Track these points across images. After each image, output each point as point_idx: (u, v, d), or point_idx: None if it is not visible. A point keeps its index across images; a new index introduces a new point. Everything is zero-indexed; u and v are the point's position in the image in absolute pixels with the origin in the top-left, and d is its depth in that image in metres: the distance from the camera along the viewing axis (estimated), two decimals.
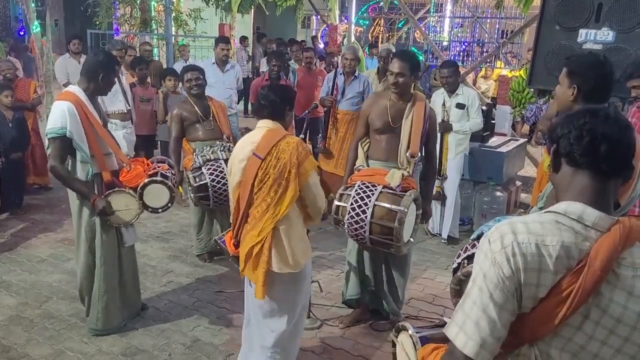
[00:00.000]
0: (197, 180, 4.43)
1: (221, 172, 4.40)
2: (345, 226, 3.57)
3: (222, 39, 6.82)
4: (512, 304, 1.30)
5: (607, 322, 1.28)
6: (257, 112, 3.03)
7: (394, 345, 2.12)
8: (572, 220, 1.31)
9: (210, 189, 4.40)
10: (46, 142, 3.43)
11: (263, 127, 2.95)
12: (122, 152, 3.67)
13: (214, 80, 6.12)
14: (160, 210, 3.72)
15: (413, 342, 1.91)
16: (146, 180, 3.58)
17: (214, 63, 6.52)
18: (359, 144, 3.89)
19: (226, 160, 4.42)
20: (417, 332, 1.93)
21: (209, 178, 4.38)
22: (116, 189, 3.49)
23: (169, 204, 3.75)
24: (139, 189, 3.56)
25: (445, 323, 2.07)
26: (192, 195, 4.52)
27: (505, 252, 1.29)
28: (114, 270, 3.68)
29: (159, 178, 3.66)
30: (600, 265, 1.25)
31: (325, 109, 6.10)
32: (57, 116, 3.29)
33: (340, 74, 6.12)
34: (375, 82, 6.55)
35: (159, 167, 3.81)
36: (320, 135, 6.27)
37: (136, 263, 4.00)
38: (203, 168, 4.45)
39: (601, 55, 2.67)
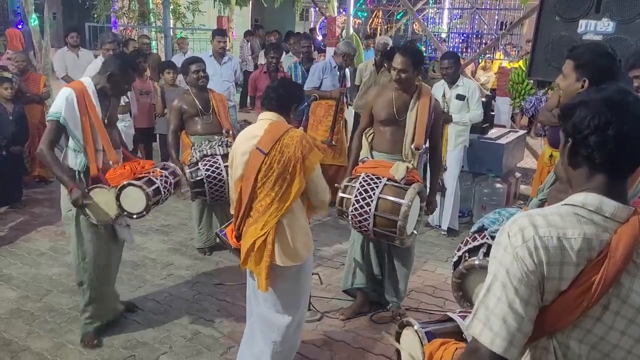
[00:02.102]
0: (194, 175, 4.41)
1: (217, 168, 4.37)
2: (349, 218, 3.57)
3: (219, 32, 6.79)
4: (536, 298, 1.29)
5: (627, 312, 1.28)
6: (263, 103, 3.01)
7: (397, 340, 2.11)
8: (591, 212, 1.30)
9: (206, 185, 4.37)
10: None
11: (266, 119, 2.91)
12: (113, 152, 3.47)
13: (212, 73, 6.08)
14: (135, 216, 3.44)
15: (419, 338, 1.89)
16: (125, 182, 3.38)
17: (211, 56, 6.50)
18: (364, 134, 3.91)
19: (223, 156, 4.41)
20: (422, 328, 1.91)
21: (205, 174, 4.36)
22: (99, 185, 3.38)
23: (144, 212, 3.44)
24: (117, 189, 3.37)
25: (449, 318, 2.05)
26: (189, 190, 4.50)
27: (527, 246, 1.28)
28: (102, 260, 3.55)
29: (138, 182, 3.41)
30: (621, 256, 1.25)
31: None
32: (58, 100, 3.29)
33: (334, 67, 6.14)
34: (374, 75, 6.55)
35: (153, 172, 3.59)
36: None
37: (120, 258, 3.87)
38: (200, 164, 4.43)
39: (607, 46, 2.64)
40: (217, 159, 4.42)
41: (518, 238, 1.29)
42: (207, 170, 4.37)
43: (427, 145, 3.82)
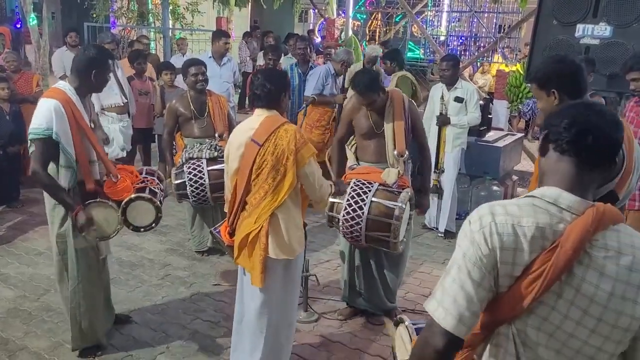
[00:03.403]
0: (177, 178, 4.40)
1: (200, 171, 4.34)
2: (340, 223, 3.53)
3: (224, 34, 6.80)
4: (488, 281, 1.37)
5: (581, 301, 1.34)
6: (252, 101, 3.02)
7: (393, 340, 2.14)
8: (548, 203, 1.38)
9: (188, 188, 4.35)
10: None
11: (261, 115, 2.94)
12: (109, 161, 3.30)
13: (211, 74, 6.08)
14: (142, 229, 3.37)
15: (409, 333, 1.93)
16: (133, 196, 3.24)
17: (210, 57, 6.49)
18: (346, 145, 3.92)
19: (209, 160, 4.40)
20: (413, 324, 1.95)
21: (187, 177, 4.34)
22: (98, 200, 3.17)
23: (154, 224, 3.39)
24: (123, 203, 3.22)
25: None
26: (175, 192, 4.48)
27: (483, 232, 1.37)
28: (93, 284, 3.34)
29: (147, 195, 3.30)
30: (571, 245, 1.32)
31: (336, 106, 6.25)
32: (42, 115, 2.96)
33: (333, 74, 6.23)
34: None
35: (147, 180, 3.49)
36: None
37: (108, 275, 3.66)
38: (184, 166, 4.42)
39: (559, 54, 2.74)
40: (201, 163, 4.39)
41: (476, 224, 1.40)
42: (190, 173, 4.35)
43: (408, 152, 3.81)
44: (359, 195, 3.49)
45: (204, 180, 4.32)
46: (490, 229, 1.37)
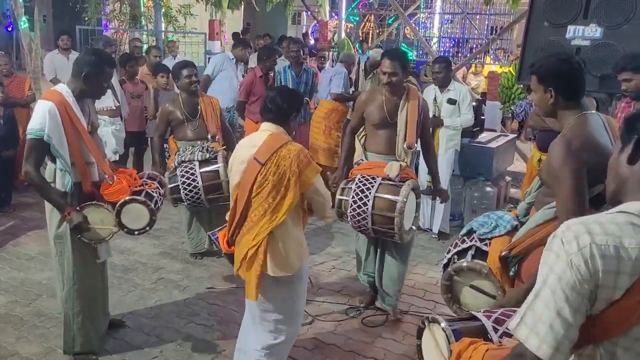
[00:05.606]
0: (171, 182, 4.38)
1: (192, 174, 4.32)
2: (349, 219, 3.70)
3: (248, 44, 7.08)
4: (585, 306, 1.29)
5: None
6: (262, 113, 2.99)
7: (419, 337, 2.06)
8: None
9: (181, 192, 4.34)
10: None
11: (266, 130, 2.92)
12: (105, 164, 3.31)
13: (232, 75, 6.27)
14: (136, 232, 3.35)
15: (446, 336, 1.86)
16: (127, 198, 3.23)
17: (233, 59, 6.62)
18: (356, 136, 4.00)
19: (201, 162, 4.38)
20: (449, 326, 1.85)
21: (180, 180, 4.33)
22: (94, 202, 3.18)
23: (147, 228, 3.37)
24: (117, 205, 3.21)
25: (473, 316, 2.01)
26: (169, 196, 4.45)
27: (583, 254, 1.26)
28: (88, 286, 3.33)
29: (141, 198, 3.30)
30: None
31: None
32: (38, 116, 2.98)
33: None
34: (361, 79, 6.77)
35: (146, 184, 3.48)
36: None
37: (107, 280, 3.65)
38: (177, 170, 4.41)
39: (564, 52, 2.71)
40: (194, 165, 4.37)
41: (573, 245, 1.28)
42: (182, 176, 4.33)
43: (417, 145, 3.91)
44: (362, 191, 3.63)
45: (197, 183, 4.30)
46: (591, 250, 1.26)
